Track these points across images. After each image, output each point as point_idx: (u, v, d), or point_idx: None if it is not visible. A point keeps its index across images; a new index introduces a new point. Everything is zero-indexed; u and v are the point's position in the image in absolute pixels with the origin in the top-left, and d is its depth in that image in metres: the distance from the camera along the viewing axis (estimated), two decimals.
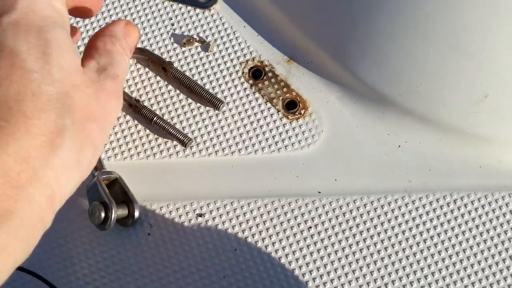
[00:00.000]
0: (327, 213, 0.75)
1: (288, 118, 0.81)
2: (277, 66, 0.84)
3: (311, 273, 0.73)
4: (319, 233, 0.75)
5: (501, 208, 0.75)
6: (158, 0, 0.89)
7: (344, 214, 0.75)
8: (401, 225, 0.75)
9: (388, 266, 0.73)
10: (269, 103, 0.82)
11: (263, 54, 0.85)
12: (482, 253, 0.73)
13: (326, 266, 0.73)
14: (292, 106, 0.82)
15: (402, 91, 0.79)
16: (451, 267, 0.73)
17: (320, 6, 0.84)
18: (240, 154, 0.80)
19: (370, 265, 0.73)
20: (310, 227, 0.75)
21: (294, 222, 0.75)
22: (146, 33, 0.87)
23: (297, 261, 0.73)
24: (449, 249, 0.73)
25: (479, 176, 0.77)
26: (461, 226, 0.74)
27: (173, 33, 0.87)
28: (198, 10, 0.88)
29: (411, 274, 0.72)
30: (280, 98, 0.82)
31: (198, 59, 0.86)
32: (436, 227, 0.74)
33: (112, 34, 0.62)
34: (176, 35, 0.87)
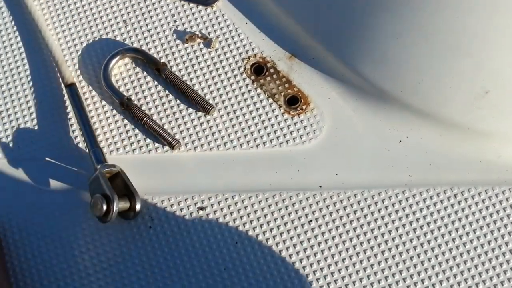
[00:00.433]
0: (328, 207, 0.76)
1: (289, 114, 0.82)
2: (279, 62, 0.85)
3: (311, 266, 0.73)
4: (320, 227, 0.75)
5: (501, 203, 0.75)
6: None
7: (345, 208, 0.76)
8: (401, 219, 0.75)
9: (389, 259, 0.73)
10: (271, 99, 0.83)
11: (265, 50, 0.86)
12: (482, 246, 0.73)
13: (326, 259, 0.73)
14: (293, 101, 0.83)
15: (403, 87, 0.79)
16: (451, 261, 0.73)
17: (322, 3, 0.85)
18: (242, 149, 0.80)
19: (370, 258, 0.73)
20: (311, 221, 0.75)
21: (295, 216, 0.75)
22: (149, 30, 0.88)
23: (298, 254, 0.74)
24: (449, 242, 0.74)
25: (479, 171, 0.78)
26: (461, 220, 0.75)
27: (176, 30, 0.88)
28: (200, 7, 0.89)
29: (411, 267, 0.73)
30: (282, 93, 0.83)
31: (201, 55, 0.86)
32: (437, 221, 0.75)
33: None
34: (178, 32, 0.88)
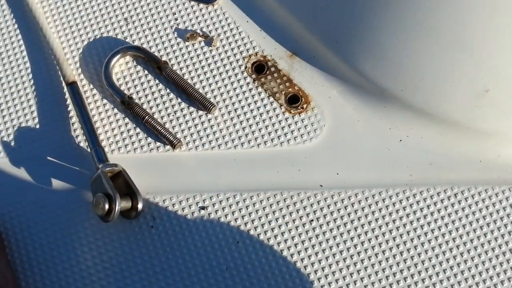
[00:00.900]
0: (329, 206, 0.76)
1: (290, 112, 0.82)
2: (279, 61, 0.85)
3: (312, 265, 0.73)
4: (321, 226, 0.75)
5: (501, 202, 0.76)
6: None
7: (346, 207, 0.76)
8: (402, 218, 0.75)
9: (389, 258, 0.73)
10: (271, 98, 0.83)
11: (266, 49, 0.86)
12: (482, 246, 0.74)
13: (327, 258, 0.74)
14: (294, 100, 0.83)
15: (404, 86, 0.79)
16: (452, 260, 0.73)
17: (323, 1, 0.84)
18: (243, 148, 0.80)
19: (371, 257, 0.74)
20: (312, 220, 0.75)
21: (296, 215, 0.76)
22: (150, 28, 0.88)
23: (299, 253, 0.74)
24: (450, 242, 0.74)
25: (480, 170, 0.78)
26: (461, 219, 0.75)
27: (177, 28, 0.88)
28: (201, 5, 0.89)
29: (411, 266, 0.73)
30: (283, 92, 0.83)
31: (202, 53, 0.86)
32: (437, 221, 0.75)
33: None
34: (179, 30, 0.88)
